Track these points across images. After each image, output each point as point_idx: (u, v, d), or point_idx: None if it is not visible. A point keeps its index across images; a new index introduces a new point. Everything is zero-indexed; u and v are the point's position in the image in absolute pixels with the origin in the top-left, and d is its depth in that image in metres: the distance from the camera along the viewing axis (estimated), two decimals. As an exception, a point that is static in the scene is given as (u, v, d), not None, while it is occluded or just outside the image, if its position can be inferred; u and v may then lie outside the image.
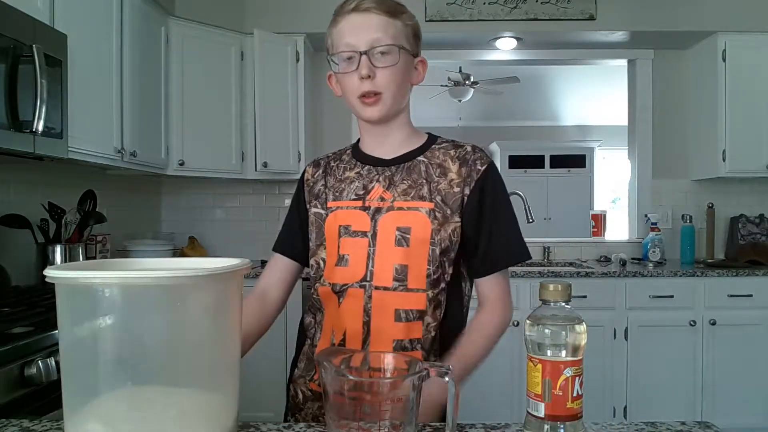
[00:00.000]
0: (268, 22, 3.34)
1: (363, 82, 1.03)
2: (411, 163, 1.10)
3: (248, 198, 3.75)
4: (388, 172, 1.10)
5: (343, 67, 1.05)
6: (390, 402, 0.69)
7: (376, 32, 1.03)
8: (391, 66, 1.04)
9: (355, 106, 1.08)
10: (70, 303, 0.67)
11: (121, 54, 2.49)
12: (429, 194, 1.06)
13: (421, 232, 1.04)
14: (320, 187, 1.15)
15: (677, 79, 3.75)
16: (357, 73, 1.03)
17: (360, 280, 1.05)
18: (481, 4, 3.40)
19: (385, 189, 1.08)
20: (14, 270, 2.19)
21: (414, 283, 1.04)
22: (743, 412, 3.04)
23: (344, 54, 1.05)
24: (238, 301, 0.75)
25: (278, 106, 3.30)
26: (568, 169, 7.57)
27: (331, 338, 1.08)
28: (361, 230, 1.06)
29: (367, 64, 1.02)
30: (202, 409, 0.70)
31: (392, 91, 1.05)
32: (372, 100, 1.05)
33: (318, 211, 1.13)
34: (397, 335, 1.04)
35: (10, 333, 1.46)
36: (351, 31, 1.04)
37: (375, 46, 1.03)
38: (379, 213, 1.06)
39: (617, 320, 3.07)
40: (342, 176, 1.13)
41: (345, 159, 1.16)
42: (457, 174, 1.08)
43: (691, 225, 3.57)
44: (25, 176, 2.34)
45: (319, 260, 1.11)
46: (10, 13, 1.71)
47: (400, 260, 1.04)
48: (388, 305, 1.04)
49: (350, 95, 1.07)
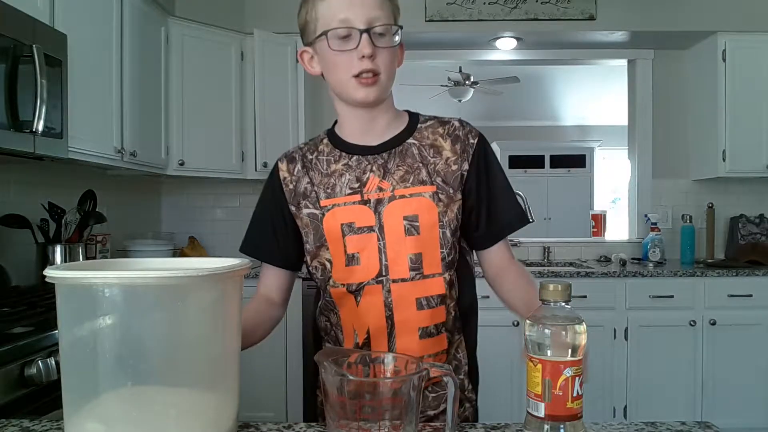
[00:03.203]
0: (268, 22, 3.34)
1: (363, 61, 0.97)
2: (402, 147, 1.06)
3: (248, 198, 3.74)
4: (381, 160, 1.05)
5: (337, 44, 0.98)
6: (390, 402, 0.69)
7: (372, 10, 0.98)
8: (389, 47, 1.00)
9: (347, 86, 1.00)
10: (70, 303, 0.67)
11: (121, 54, 2.49)
12: (429, 177, 1.04)
13: (429, 217, 1.02)
14: (305, 186, 1.07)
15: (677, 79, 3.75)
16: (356, 52, 0.97)
17: (376, 276, 1.02)
18: (481, 4, 3.40)
19: (382, 178, 1.04)
20: (14, 270, 2.19)
21: (430, 269, 1.02)
22: (743, 412, 3.04)
23: (340, 32, 0.97)
24: (237, 301, 0.75)
25: (278, 106, 3.30)
26: (568, 169, 7.57)
27: (355, 337, 1.06)
28: (366, 225, 1.02)
29: (369, 43, 0.97)
30: (202, 409, 0.70)
31: (388, 73, 1.01)
32: (371, 80, 0.99)
33: (311, 211, 1.06)
34: (422, 323, 1.03)
35: (10, 333, 1.46)
36: (347, 6, 0.97)
37: (374, 24, 0.98)
38: (381, 204, 1.02)
39: (617, 320, 3.07)
40: (327, 170, 1.07)
41: (324, 150, 1.09)
42: (452, 151, 1.06)
43: (691, 225, 3.57)
44: (25, 176, 2.34)
45: (324, 262, 1.06)
46: (10, 13, 1.71)
47: (413, 249, 1.02)
48: (409, 296, 1.02)
49: (343, 74, 1.00)
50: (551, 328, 0.72)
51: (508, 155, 7.53)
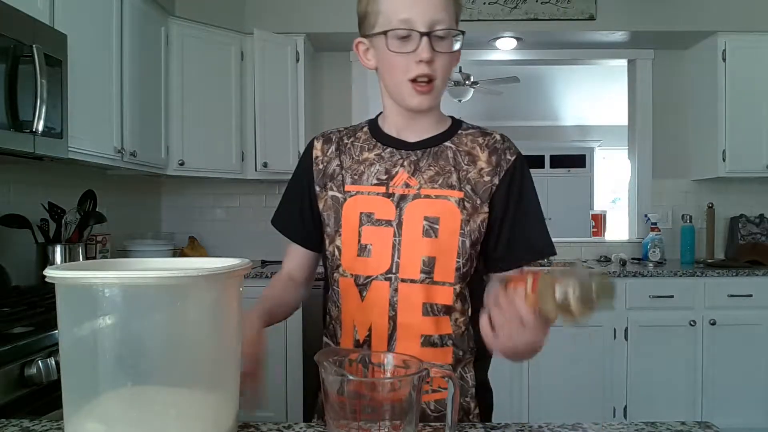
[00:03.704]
0: (268, 22, 3.34)
1: (420, 65, 0.95)
2: (438, 149, 1.03)
3: (248, 198, 3.74)
4: (414, 157, 1.03)
5: (396, 45, 0.96)
6: (390, 402, 0.69)
7: (436, 12, 0.94)
8: (449, 53, 0.97)
9: (402, 90, 0.99)
10: (70, 303, 0.67)
11: (121, 54, 2.49)
12: (458, 183, 1.01)
13: (451, 222, 0.99)
14: (335, 168, 1.05)
15: (677, 79, 3.75)
16: (415, 55, 0.95)
17: (385, 272, 0.99)
18: (481, 4, 3.40)
19: (410, 175, 1.01)
20: (14, 270, 2.19)
21: (441, 276, 0.99)
22: (743, 412, 3.04)
23: (400, 32, 0.95)
24: (238, 301, 0.75)
25: (278, 106, 3.30)
26: (568, 169, 7.57)
27: (354, 334, 1.02)
28: (385, 219, 1.00)
29: (428, 48, 0.94)
30: (202, 409, 0.70)
31: (444, 78, 0.99)
32: (426, 88, 0.97)
33: (335, 194, 1.04)
34: (426, 330, 1.00)
35: (10, 333, 1.46)
36: (410, 6, 0.94)
37: (435, 27, 0.95)
38: (404, 200, 1.00)
39: (617, 320, 3.07)
40: (359, 156, 1.05)
41: (361, 137, 1.07)
42: (487, 162, 1.03)
43: (691, 225, 3.57)
44: (25, 176, 2.34)
45: (334, 249, 1.04)
46: (10, 13, 1.71)
47: (428, 252, 0.98)
48: (416, 299, 0.99)
49: (399, 76, 0.98)
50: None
51: (508, 155, 7.51)
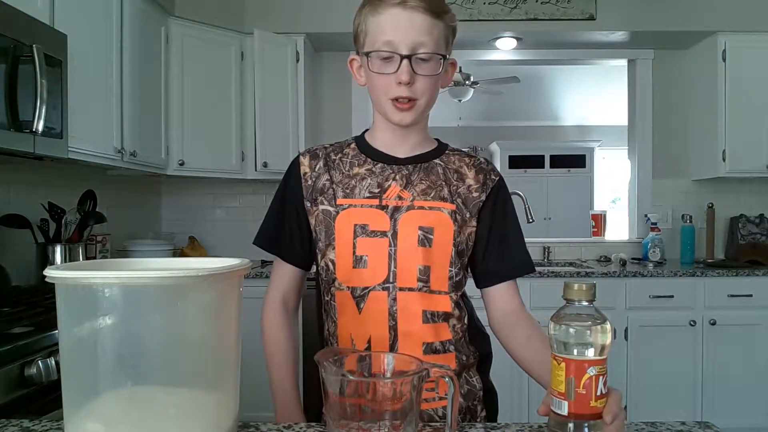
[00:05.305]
0: (268, 22, 3.34)
1: (400, 87, 0.98)
2: (428, 164, 1.07)
3: (248, 198, 3.74)
4: (405, 171, 1.05)
5: (379, 66, 0.99)
6: (390, 402, 0.69)
7: (419, 35, 0.97)
8: (431, 75, 1.00)
9: (384, 107, 1.02)
10: (70, 303, 0.67)
11: (121, 54, 2.49)
12: (450, 196, 1.04)
13: (445, 233, 1.02)
14: (325, 182, 1.06)
15: (677, 79, 3.75)
16: (395, 76, 0.98)
17: (382, 282, 1.00)
18: (481, 4, 3.40)
19: (403, 188, 1.04)
20: (14, 270, 2.19)
21: (436, 285, 1.02)
22: (743, 412, 3.04)
23: (382, 53, 0.98)
24: (238, 301, 0.75)
25: (278, 106, 3.30)
26: (568, 169, 7.56)
27: (353, 347, 1.02)
28: (380, 230, 1.01)
29: (408, 71, 0.97)
30: (202, 409, 0.70)
31: (427, 98, 1.02)
32: (407, 106, 1.00)
33: (326, 208, 1.04)
34: (427, 338, 1.01)
35: (10, 333, 1.46)
36: (393, 28, 0.97)
37: (417, 51, 0.97)
38: (398, 212, 1.02)
39: (617, 320, 3.07)
40: (350, 172, 1.06)
41: (349, 153, 1.09)
42: (475, 180, 1.07)
43: (691, 225, 3.57)
44: (25, 176, 2.34)
45: (328, 262, 1.04)
46: (10, 13, 1.71)
47: (423, 261, 1.01)
48: (415, 307, 1.00)
49: (381, 95, 1.01)
50: (576, 328, 0.72)
51: (508, 155, 7.51)
